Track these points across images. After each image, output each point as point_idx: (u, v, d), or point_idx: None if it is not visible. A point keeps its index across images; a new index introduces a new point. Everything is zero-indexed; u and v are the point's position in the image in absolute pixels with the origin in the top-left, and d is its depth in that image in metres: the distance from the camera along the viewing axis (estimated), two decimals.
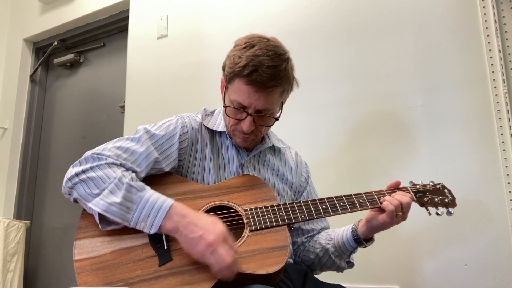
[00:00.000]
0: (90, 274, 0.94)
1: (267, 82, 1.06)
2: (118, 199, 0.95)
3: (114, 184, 0.97)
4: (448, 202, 1.17)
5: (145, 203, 0.96)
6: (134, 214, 0.96)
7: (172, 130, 1.15)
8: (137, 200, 0.97)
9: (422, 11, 1.80)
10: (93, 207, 0.96)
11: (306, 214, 1.09)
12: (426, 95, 1.74)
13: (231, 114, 1.14)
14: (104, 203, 0.95)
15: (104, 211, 0.95)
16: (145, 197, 0.97)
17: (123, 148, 1.07)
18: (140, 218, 0.96)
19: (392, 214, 1.08)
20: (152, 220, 0.95)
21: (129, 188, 0.97)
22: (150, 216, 0.96)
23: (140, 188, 0.99)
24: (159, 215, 0.95)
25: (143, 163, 1.06)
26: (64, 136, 3.10)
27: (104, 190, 0.97)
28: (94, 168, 1.01)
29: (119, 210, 0.95)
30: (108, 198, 0.96)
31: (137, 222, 0.96)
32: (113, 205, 0.95)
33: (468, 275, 1.57)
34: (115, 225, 0.99)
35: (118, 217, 0.95)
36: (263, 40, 1.10)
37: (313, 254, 1.26)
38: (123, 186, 0.97)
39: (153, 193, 0.99)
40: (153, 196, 0.98)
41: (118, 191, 0.96)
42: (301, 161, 1.37)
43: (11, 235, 2.63)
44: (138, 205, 0.96)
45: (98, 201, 0.96)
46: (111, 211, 0.95)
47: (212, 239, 0.92)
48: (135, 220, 0.96)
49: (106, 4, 2.84)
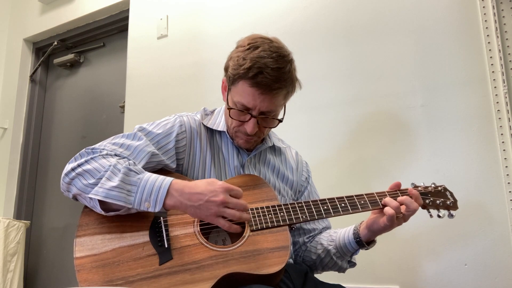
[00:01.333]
0: (91, 271, 0.94)
1: (272, 84, 1.06)
2: (117, 183, 0.95)
3: (110, 171, 0.97)
4: (450, 205, 1.16)
5: (145, 183, 0.97)
6: (136, 196, 0.96)
7: (169, 129, 1.15)
8: (136, 181, 0.97)
9: (422, 11, 1.80)
10: (93, 196, 0.96)
11: (307, 214, 1.09)
12: (426, 95, 1.74)
13: (234, 115, 1.14)
14: (103, 190, 0.95)
15: (105, 198, 0.95)
16: (144, 178, 0.98)
17: (118, 144, 1.08)
18: (143, 198, 0.96)
19: (392, 217, 1.07)
20: (155, 198, 0.96)
21: (127, 171, 0.98)
22: (152, 194, 0.96)
23: (138, 171, 1.00)
24: (161, 192, 0.96)
25: (139, 156, 1.07)
26: (64, 136, 3.10)
27: (101, 178, 0.97)
28: (89, 161, 1.01)
29: (120, 193, 0.95)
30: (106, 185, 0.96)
31: (140, 203, 0.96)
32: (113, 190, 0.95)
33: (468, 275, 1.57)
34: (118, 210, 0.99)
35: (120, 200, 0.95)
36: (266, 41, 1.10)
37: (314, 254, 1.26)
38: (120, 171, 0.97)
39: (151, 174, 1.00)
40: (152, 176, 0.99)
41: (115, 176, 0.97)
42: (301, 161, 1.37)
43: (11, 235, 2.63)
44: (138, 186, 0.97)
45: (97, 190, 0.96)
46: (112, 196, 0.95)
47: (220, 197, 0.95)
48: (138, 201, 0.96)
49: (106, 4, 2.84)
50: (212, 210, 0.95)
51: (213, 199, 0.95)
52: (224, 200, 0.95)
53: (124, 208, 0.98)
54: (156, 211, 0.96)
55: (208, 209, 0.95)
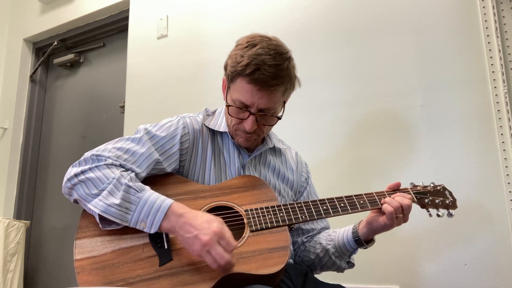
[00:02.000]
0: (90, 273, 0.94)
1: (269, 81, 1.06)
2: (117, 200, 0.96)
3: (112, 185, 0.97)
4: (449, 204, 1.17)
5: (144, 203, 0.97)
6: (133, 215, 0.96)
7: (173, 131, 1.15)
8: (136, 200, 0.97)
9: (422, 11, 1.80)
10: (92, 208, 0.97)
11: (306, 214, 1.09)
12: (426, 95, 1.74)
13: (233, 113, 1.14)
14: (103, 204, 0.96)
15: (103, 212, 0.96)
16: (144, 197, 0.98)
17: (123, 149, 1.07)
18: (140, 218, 0.96)
19: (392, 216, 1.08)
20: (152, 220, 0.96)
21: (127, 189, 0.98)
22: (149, 216, 0.96)
23: (139, 189, 0.99)
24: (159, 215, 0.96)
25: (143, 164, 1.07)
26: (64, 136, 3.10)
27: (103, 190, 0.97)
28: (93, 169, 1.01)
29: (118, 211, 0.96)
30: (107, 199, 0.96)
31: (137, 222, 0.97)
32: (112, 206, 0.95)
33: (468, 275, 1.57)
34: (115, 225, 0.99)
35: (118, 218, 0.96)
36: (264, 39, 1.10)
37: (313, 254, 1.26)
38: (121, 187, 0.97)
39: (152, 193, 0.99)
40: (152, 196, 0.98)
41: (116, 192, 0.97)
42: (301, 161, 1.37)
43: (11, 235, 2.63)
44: (137, 206, 0.97)
45: (97, 202, 0.97)
46: (110, 212, 0.95)
47: (206, 239, 0.92)
48: (135, 220, 0.96)
49: (106, 4, 2.84)
50: (196, 247, 0.93)
51: (200, 237, 0.92)
52: (208, 243, 0.91)
53: (120, 225, 0.99)
54: (151, 232, 0.96)
55: (193, 245, 0.93)
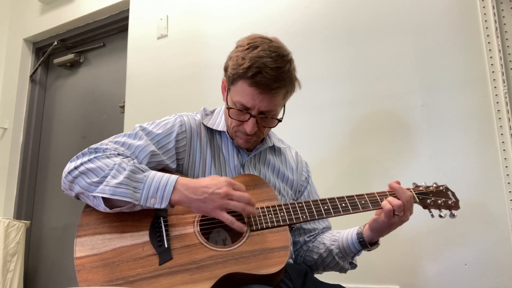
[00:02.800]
0: (91, 271, 0.94)
1: (271, 84, 1.06)
2: (124, 180, 0.96)
3: (115, 170, 0.98)
4: (452, 205, 1.16)
5: (151, 180, 0.98)
6: (143, 192, 0.97)
7: (169, 128, 1.16)
8: (143, 178, 0.98)
9: (422, 11, 1.80)
10: (99, 194, 0.96)
11: (307, 214, 1.09)
12: (426, 95, 1.74)
13: (234, 115, 1.14)
14: (110, 188, 0.96)
15: (112, 195, 0.95)
16: (150, 175, 1.00)
17: (120, 142, 1.09)
18: (149, 194, 0.97)
19: (389, 213, 1.07)
20: (161, 195, 0.97)
21: (132, 169, 0.99)
22: (158, 191, 0.97)
23: (144, 169, 1.01)
24: (167, 189, 0.98)
25: (140, 155, 1.08)
26: (64, 136, 3.10)
27: (105, 177, 0.98)
28: (92, 160, 1.02)
29: (127, 190, 0.96)
30: (112, 182, 0.96)
31: (147, 199, 0.97)
32: (119, 187, 0.96)
33: (468, 275, 1.57)
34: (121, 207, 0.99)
35: (127, 197, 0.95)
36: (265, 41, 1.10)
37: (316, 254, 1.26)
38: (125, 169, 0.98)
39: (156, 172, 1.02)
40: (157, 174, 1.00)
41: (120, 175, 0.97)
42: (301, 161, 1.37)
43: (11, 235, 2.63)
44: (145, 183, 0.98)
45: (103, 188, 0.96)
46: (119, 193, 0.95)
47: (224, 190, 0.97)
48: (145, 197, 0.97)
49: (106, 4, 2.84)
50: (217, 203, 0.96)
51: (217, 191, 0.97)
52: (227, 192, 0.97)
53: (129, 204, 0.98)
54: (162, 207, 0.97)
55: (213, 202, 0.96)
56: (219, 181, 0.99)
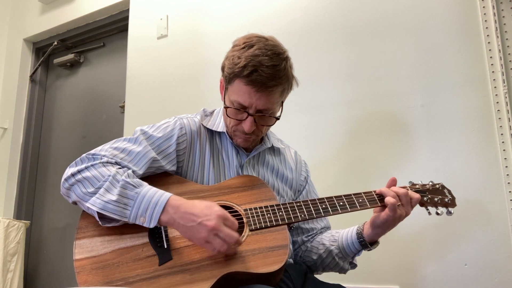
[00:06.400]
0: (90, 273, 0.94)
1: (267, 82, 1.06)
2: (114, 197, 0.96)
3: (109, 182, 0.98)
4: (448, 202, 1.17)
5: (142, 198, 0.97)
6: (132, 210, 0.96)
7: (169, 132, 1.16)
8: (134, 196, 0.97)
9: (422, 11, 1.80)
10: (90, 206, 0.97)
11: (306, 213, 1.09)
12: (426, 95, 1.74)
13: (231, 114, 1.14)
14: (101, 202, 0.96)
15: (101, 210, 0.96)
16: (142, 193, 0.98)
17: (119, 149, 1.08)
18: (138, 213, 0.97)
19: (394, 207, 1.07)
20: (150, 214, 0.96)
21: (125, 184, 0.98)
22: (148, 210, 0.96)
23: (137, 184, 1.00)
24: (157, 209, 0.96)
25: (140, 162, 1.07)
26: (64, 136, 3.10)
27: (99, 188, 0.98)
28: (89, 167, 1.01)
29: (116, 207, 0.96)
30: (104, 196, 0.96)
31: (136, 217, 0.97)
32: (110, 203, 0.95)
33: (468, 275, 1.57)
34: (115, 222, 0.99)
35: (116, 214, 0.96)
36: (261, 39, 1.10)
37: (315, 255, 1.26)
38: (118, 183, 0.98)
39: (149, 188, 1.00)
40: (150, 191, 0.99)
41: (113, 188, 0.97)
42: (300, 160, 1.37)
43: (11, 235, 2.63)
44: (135, 201, 0.97)
45: (94, 200, 0.97)
46: (108, 209, 0.95)
47: (212, 223, 0.93)
48: (134, 215, 0.97)
49: (106, 4, 2.84)
50: (202, 234, 0.94)
51: (205, 223, 0.93)
52: (215, 227, 0.93)
53: (119, 222, 0.99)
54: (151, 226, 0.97)
55: (199, 232, 0.94)
56: (211, 212, 0.95)
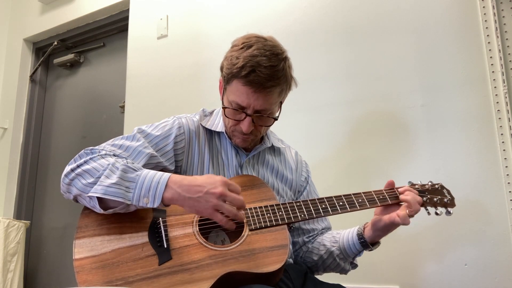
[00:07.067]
0: (90, 272, 0.94)
1: (265, 82, 1.06)
2: (116, 180, 0.95)
3: (109, 170, 0.98)
4: (447, 202, 1.17)
5: (143, 179, 0.97)
6: (135, 192, 0.96)
7: (167, 130, 1.16)
8: (135, 178, 0.97)
9: (422, 11, 1.80)
10: (92, 194, 0.96)
11: (305, 213, 1.09)
12: (426, 95, 1.74)
13: (230, 115, 1.14)
14: (102, 187, 0.95)
15: (103, 194, 0.94)
16: (142, 174, 0.98)
17: (117, 145, 1.09)
18: (141, 194, 0.96)
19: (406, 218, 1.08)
20: (153, 193, 0.95)
21: (125, 169, 0.98)
22: (150, 190, 0.96)
23: (137, 168, 1.00)
24: (159, 187, 0.96)
25: (137, 157, 1.07)
26: (64, 136, 3.10)
27: (99, 177, 0.97)
28: (88, 161, 1.02)
29: (118, 189, 0.95)
30: (105, 182, 0.96)
31: (139, 199, 0.96)
32: (111, 186, 0.95)
33: (468, 275, 1.57)
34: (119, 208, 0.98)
35: (119, 196, 0.94)
36: (260, 40, 1.10)
37: (316, 255, 1.26)
38: (118, 169, 0.97)
39: (149, 171, 1.00)
40: (150, 173, 0.98)
41: (113, 174, 0.97)
42: (301, 161, 1.37)
43: (11, 235, 2.63)
44: (137, 183, 0.96)
45: (96, 188, 0.96)
46: (110, 192, 0.94)
47: (219, 190, 0.93)
48: (137, 197, 0.96)
49: (106, 4, 2.84)
50: (211, 203, 0.93)
51: (212, 191, 0.93)
52: (223, 192, 0.93)
53: (122, 205, 0.97)
54: (155, 206, 0.96)
55: (207, 201, 0.94)
56: (215, 180, 0.96)
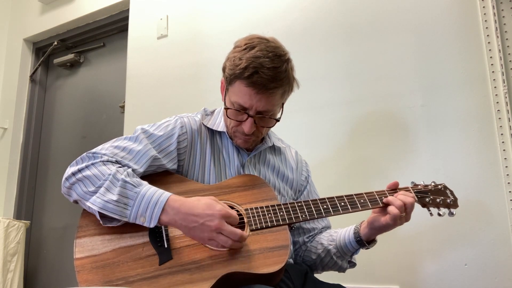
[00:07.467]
0: (91, 272, 0.94)
1: (268, 84, 1.06)
2: (114, 197, 0.96)
3: (109, 181, 0.98)
4: (450, 203, 1.16)
5: (141, 198, 0.97)
6: (132, 210, 0.96)
7: (170, 130, 1.16)
8: (133, 195, 0.97)
9: (422, 11, 1.80)
10: (91, 205, 0.97)
11: (306, 213, 1.09)
12: (426, 95, 1.74)
13: (232, 115, 1.14)
14: (101, 201, 0.96)
15: (101, 209, 0.96)
16: (141, 192, 0.98)
17: (120, 147, 1.08)
18: (138, 213, 0.97)
19: (396, 217, 1.07)
20: (150, 214, 0.96)
21: (124, 184, 0.98)
22: (148, 210, 0.96)
23: (136, 184, 0.99)
24: (156, 209, 0.96)
25: (140, 161, 1.07)
26: (64, 136, 3.10)
27: (99, 187, 0.98)
28: (89, 166, 1.01)
29: (116, 207, 0.96)
30: (104, 196, 0.96)
31: (136, 217, 0.97)
32: (110, 203, 0.96)
33: (468, 275, 1.57)
34: (116, 221, 0.99)
35: (116, 213, 0.96)
36: (263, 41, 1.10)
37: (314, 254, 1.26)
38: (118, 182, 0.98)
39: (149, 188, 1.00)
40: (149, 191, 0.99)
41: (113, 188, 0.97)
42: (301, 160, 1.37)
43: (11, 235, 2.63)
44: (135, 201, 0.97)
45: (95, 200, 0.97)
46: (109, 208, 0.96)
47: (215, 223, 0.94)
48: (134, 215, 0.97)
49: (106, 4, 2.84)
50: (205, 234, 0.95)
51: (208, 223, 0.94)
52: (218, 226, 0.94)
53: (120, 221, 0.99)
54: (151, 226, 0.97)
55: (202, 232, 0.95)
56: (213, 212, 0.95)
